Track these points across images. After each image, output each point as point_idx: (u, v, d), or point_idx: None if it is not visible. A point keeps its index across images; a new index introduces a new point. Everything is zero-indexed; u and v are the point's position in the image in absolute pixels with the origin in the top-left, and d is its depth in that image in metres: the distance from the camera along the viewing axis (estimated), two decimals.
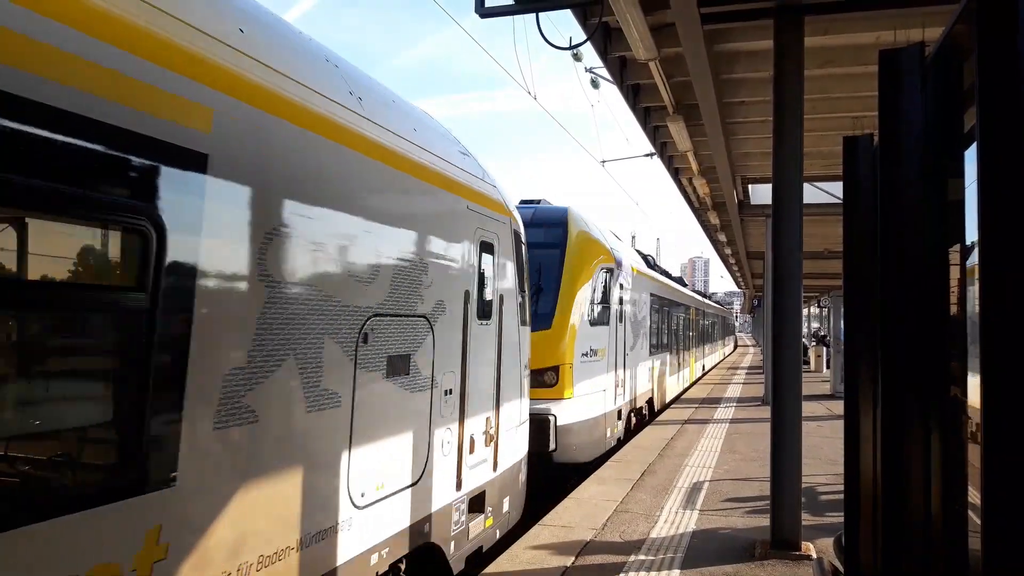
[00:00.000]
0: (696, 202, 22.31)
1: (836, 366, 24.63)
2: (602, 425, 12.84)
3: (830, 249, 25.59)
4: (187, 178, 3.44)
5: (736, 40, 10.29)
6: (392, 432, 5.25)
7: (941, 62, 2.53)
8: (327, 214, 4.51)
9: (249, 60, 3.94)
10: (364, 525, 4.87)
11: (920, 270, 2.73)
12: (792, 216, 7.92)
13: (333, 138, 4.61)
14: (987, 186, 1.65)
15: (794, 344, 7.97)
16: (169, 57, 3.37)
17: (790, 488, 7.63)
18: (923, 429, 2.71)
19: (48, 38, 2.83)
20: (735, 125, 13.73)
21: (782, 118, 8.01)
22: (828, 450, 13.24)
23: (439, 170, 6.08)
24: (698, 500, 9.75)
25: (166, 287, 3.30)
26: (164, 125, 3.29)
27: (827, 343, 34.15)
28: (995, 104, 1.65)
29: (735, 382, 31.13)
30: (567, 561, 7.15)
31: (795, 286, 7.93)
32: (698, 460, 12.64)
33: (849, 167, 4.23)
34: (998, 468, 1.55)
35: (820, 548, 7.44)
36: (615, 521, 8.62)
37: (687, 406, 21.12)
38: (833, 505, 9.51)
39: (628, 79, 12.18)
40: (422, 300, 5.63)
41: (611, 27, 10.49)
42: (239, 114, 3.80)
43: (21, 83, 2.71)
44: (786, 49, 8.03)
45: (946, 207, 2.62)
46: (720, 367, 41.43)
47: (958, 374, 2.60)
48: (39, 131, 2.79)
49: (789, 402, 7.85)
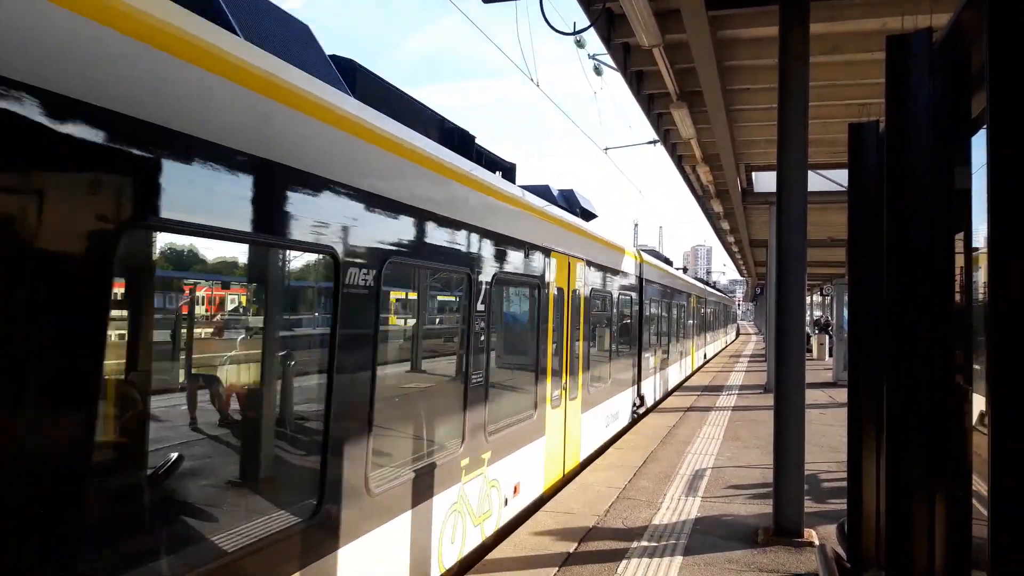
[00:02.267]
0: (699, 190, 22.25)
1: (839, 354, 24.62)
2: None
3: (834, 237, 25.56)
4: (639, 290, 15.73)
5: (741, 26, 10.22)
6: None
7: (949, 48, 2.50)
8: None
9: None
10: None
11: (925, 258, 2.72)
12: (796, 204, 7.90)
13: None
14: (996, 172, 1.63)
15: (797, 332, 7.97)
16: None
17: (793, 475, 7.65)
18: (927, 417, 2.71)
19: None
20: (739, 112, 13.67)
21: (787, 105, 7.96)
22: (831, 437, 13.26)
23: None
24: (700, 487, 9.78)
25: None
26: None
27: (830, 331, 34.15)
28: (1004, 90, 1.64)
29: (737, 370, 31.17)
30: (570, 547, 7.18)
31: (798, 274, 7.92)
32: (701, 447, 12.67)
33: (854, 154, 4.21)
34: (1005, 456, 1.55)
35: (823, 535, 7.46)
36: (618, 507, 8.65)
37: (689, 394, 21.16)
38: (835, 492, 9.53)
39: (632, 66, 12.12)
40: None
41: (615, 13, 10.42)
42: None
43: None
44: (791, 35, 7.97)
45: (952, 194, 2.61)
46: (718, 359, 41.46)
47: (963, 362, 2.60)
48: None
49: (792, 389, 7.86)
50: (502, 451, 7.49)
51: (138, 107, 3.12)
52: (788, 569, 6.73)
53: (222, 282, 4.35)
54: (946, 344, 2.65)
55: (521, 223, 8.09)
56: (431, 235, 5.85)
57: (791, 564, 6.84)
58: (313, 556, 4.33)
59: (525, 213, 8.36)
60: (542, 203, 9.32)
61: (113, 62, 3.06)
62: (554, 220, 9.53)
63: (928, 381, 2.71)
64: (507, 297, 8.35)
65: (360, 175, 4.82)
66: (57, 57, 2.80)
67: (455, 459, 6.37)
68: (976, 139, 2.40)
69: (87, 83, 2.90)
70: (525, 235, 8.15)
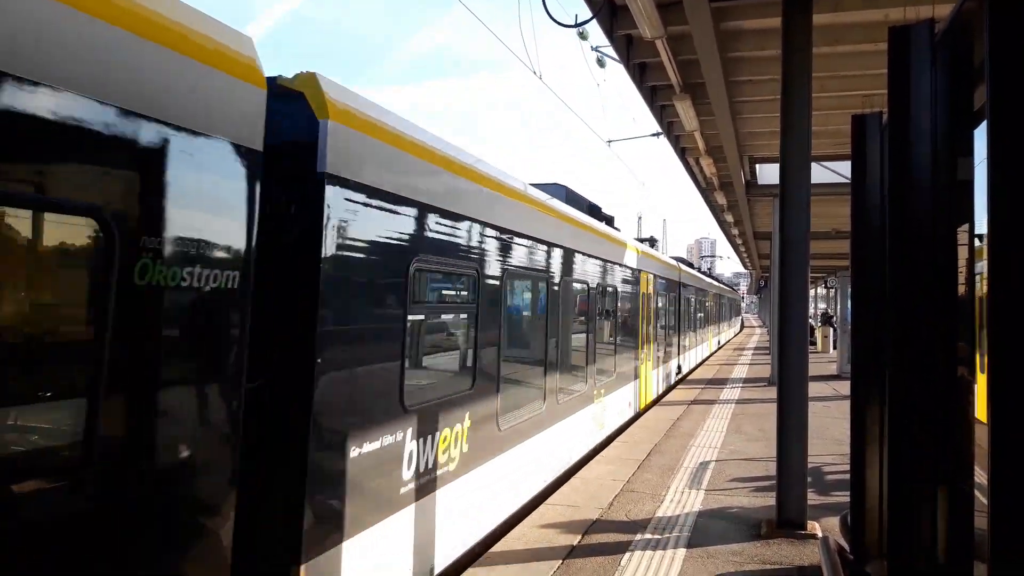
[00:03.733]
0: (703, 182, 22.19)
1: (843, 346, 24.60)
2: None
3: (838, 229, 25.45)
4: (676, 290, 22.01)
5: (744, 17, 10.17)
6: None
7: (950, 39, 2.49)
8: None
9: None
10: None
11: (928, 249, 2.71)
12: (800, 196, 7.88)
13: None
14: (997, 164, 1.63)
15: (801, 324, 7.97)
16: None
17: (796, 467, 7.66)
18: (929, 409, 2.71)
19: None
20: (742, 104, 13.62)
21: (790, 97, 7.93)
22: (834, 430, 13.26)
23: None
24: (704, 480, 9.80)
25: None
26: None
27: (833, 324, 34.10)
28: (1006, 81, 1.63)
29: (741, 363, 31.16)
30: (574, 540, 7.21)
31: (802, 267, 7.91)
32: (704, 440, 12.69)
33: (858, 146, 4.20)
34: (1005, 447, 1.55)
35: (826, 527, 7.47)
36: (621, 500, 8.67)
37: (693, 387, 21.17)
38: (839, 485, 9.54)
39: (634, 58, 12.08)
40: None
41: (617, 5, 10.39)
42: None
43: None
44: (794, 26, 7.94)
45: (955, 185, 2.61)
46: (723, 351, 41.43)
47: (965, 354, 2.60)
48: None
49: (795, 382, 7.86)
50: (629, 381, 14.68)
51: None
52: (791, 561, 6.74)
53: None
54: (949, 336, 2.65)
55: (630, 258, 14.72)
56: (608, 273, 12.69)
57: (794, 556, 6.85)
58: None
59: (633, 252, 15.10)
60: (638, 244, 16.66)
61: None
62: (642, 253, 16.30)
63: (931, 373, 2.71)
64: (624, 299, 14.30)
65: (590, 246, 11.35)
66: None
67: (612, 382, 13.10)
68: (978, 131, 2.39)
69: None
70: (633, 264, 14.96)
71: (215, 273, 3.58)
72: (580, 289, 10.81)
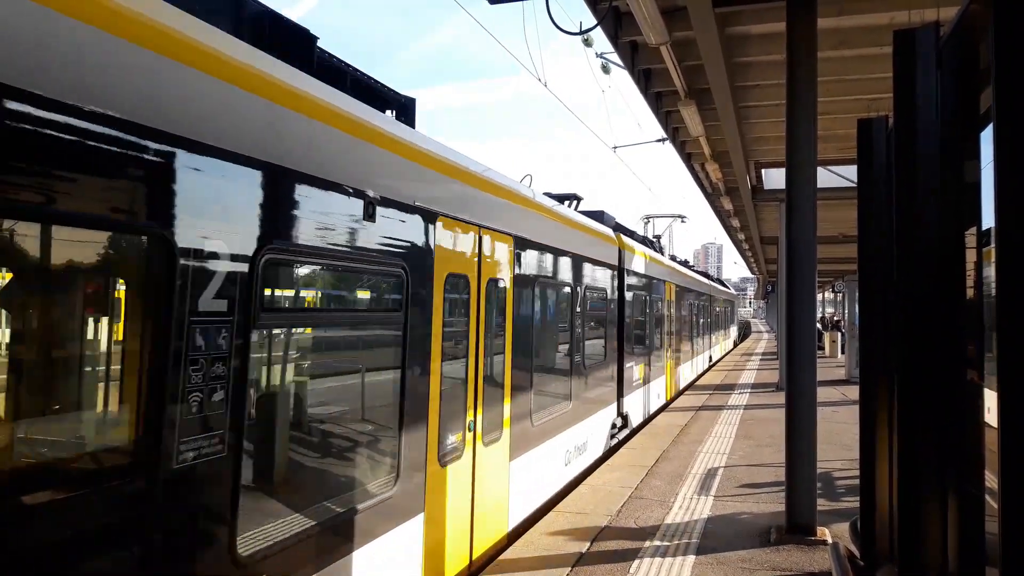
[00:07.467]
0: (709, 187, 22.18)
1: (851, 351, 24.49)
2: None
3: (845, 234, 25.39)
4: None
5: (748, 23, 10.19)
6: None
7: (956, 42, 2.49)
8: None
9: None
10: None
11: (936, 253, 2.70)
12: (806, 201, 7.86)
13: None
14: (1003, 167, 1.63)
15: (809, 329, 7.93)
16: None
17: (805, 473, 7.62)
18: (939, 413, 2.70)
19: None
20: (748, 109, 13.62)
21: (795, 101, 7.93)
22: (843, 435, 13.19)
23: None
24: (713, 486, 9.75)
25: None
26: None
27: (841, 328, 33.97)
28: (1012, 84, 1.63)
29: (749, 368, 31.06)
30: (583, 547, 7.18)
31: (809, 272, 7.88)
32: (713, 446, 12.64)
33: (864, 150, 4.19)
34: (1015, 452, 1.54)
35: (836, 533, 7.43)
36: (630, 507, 8.64)
37: (700, 393, 21.11)
38: (848, 490, 9.48)
39: (639, 64, 12.10)
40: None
41: (621, 11, 10.41)
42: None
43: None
44: (799, 31, 7.93)
45: (962, 189, 2.60)
46: (730, 357, 41.29)
47: (974, 357, 2.58)
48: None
49: (804, 387, 7.82)
50: (664, 370, 18.27)
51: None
52: (801, 567, 6.70)
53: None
54: (957, 340, 2.63)
55: (680, 278, 18.49)
56: (671, 292, 18.87)
57: (804, 563, 6.81)
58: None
59: (682, 272, 20.27)
60: (680, 267, 20.57)
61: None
62: (688, 274, 21.30)
63: (939, 377, 2.69)
64: (680, 308, 19.30)
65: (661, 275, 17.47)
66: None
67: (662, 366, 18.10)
68: (985, 134, 2.39)
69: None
70: (679, 282, 18.43)
71: (606, 300, 11.91)
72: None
